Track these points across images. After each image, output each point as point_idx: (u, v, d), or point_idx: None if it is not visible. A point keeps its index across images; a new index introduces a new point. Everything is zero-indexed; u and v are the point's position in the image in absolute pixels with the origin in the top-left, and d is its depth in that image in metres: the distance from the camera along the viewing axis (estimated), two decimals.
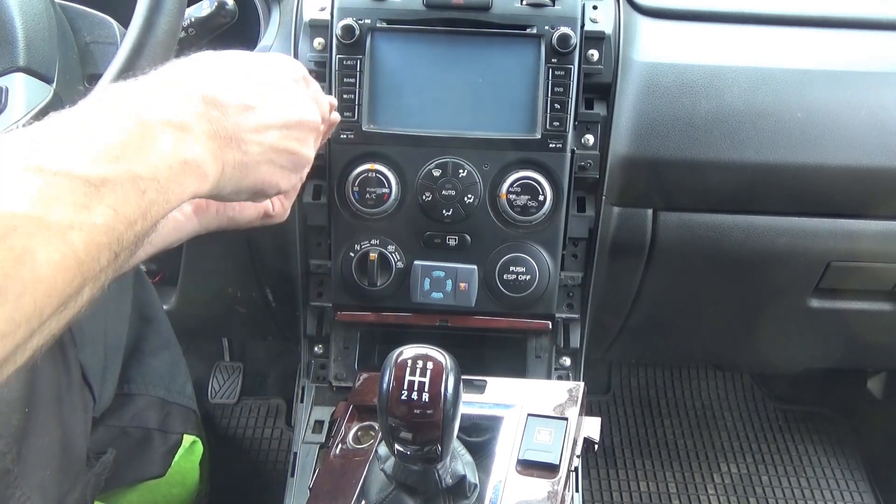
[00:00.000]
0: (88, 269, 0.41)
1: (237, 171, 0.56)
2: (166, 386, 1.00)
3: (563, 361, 1.01)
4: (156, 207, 0.46)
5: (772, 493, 1.43)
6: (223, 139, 0.53)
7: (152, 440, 0.98)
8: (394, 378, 0.59)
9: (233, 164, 0.55)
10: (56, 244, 0.39)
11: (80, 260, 0.40)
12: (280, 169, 0.61)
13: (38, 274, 0.38)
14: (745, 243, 0.95)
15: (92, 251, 0.41)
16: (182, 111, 0.50)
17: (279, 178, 0.61)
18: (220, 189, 0.55)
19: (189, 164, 0.49)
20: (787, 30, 0.94)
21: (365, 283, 0.92)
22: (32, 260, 0.38)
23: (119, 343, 0.89)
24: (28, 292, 0.38)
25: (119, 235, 0.43)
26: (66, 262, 0.40)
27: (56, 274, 0.39)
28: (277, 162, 0.60)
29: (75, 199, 0.40)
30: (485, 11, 0.87)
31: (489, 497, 0.66)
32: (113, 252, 0.43)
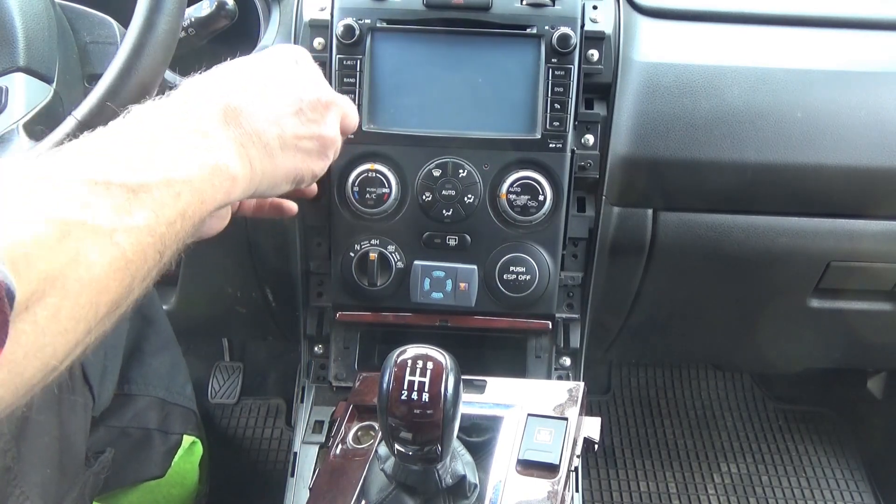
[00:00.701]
0: (137, 269, 0.45)
1: (267, 167, 0.58)
2: (166, 386, 1.01)
3: (563, 361, 1.01)
4: (192, 208, 0.49)
5: (772, 493, 1.43)
6: (245, 140, 0.56)
7: (152, 440, 0.98)
8: (394, 378, 0.59)
9: (260, 161, 0.57)
10: (105, 246, 0.42)
11: (128, 260, 0.43)
12: (307, 154, 0.63)
13: (93, 274, 0.41)
14: (745, 243, 0.95)
15: (138, 252, 0.44)
16: (205, 121, 0.53)
17: (309, 163, 0.63)
18: (255, 187, 0.58)
19: (218, 168, 0.52)
20: (787, 30, 0.94)
21: (365, 283, 0.92)
22: (87, 261, 0.41)
23: (119, 343, 0.89)
24: (85, 291, 0.41)
25: (162, 236, 0.46)
26: (117, 262, 0.43)
27: (108, 274, 0.42)
28: (303, 148, 0.62)
29: (118, 204, 0.44)
30: (485, 11, 0.87)
31: (489, 497, 0.66)
32: (158, 252, 0.47)
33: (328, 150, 0.66)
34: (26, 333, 0.37)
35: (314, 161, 0.64)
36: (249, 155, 0.56)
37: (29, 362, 0.38)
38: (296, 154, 0.61)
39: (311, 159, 0.63)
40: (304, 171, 0.63)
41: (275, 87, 0.61)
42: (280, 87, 0.61)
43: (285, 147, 0.60)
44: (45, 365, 0.40)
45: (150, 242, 0.45)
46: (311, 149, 0.63)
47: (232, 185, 0.54)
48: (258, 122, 0.57)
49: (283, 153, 0.60)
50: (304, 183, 0.65)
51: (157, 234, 0.46)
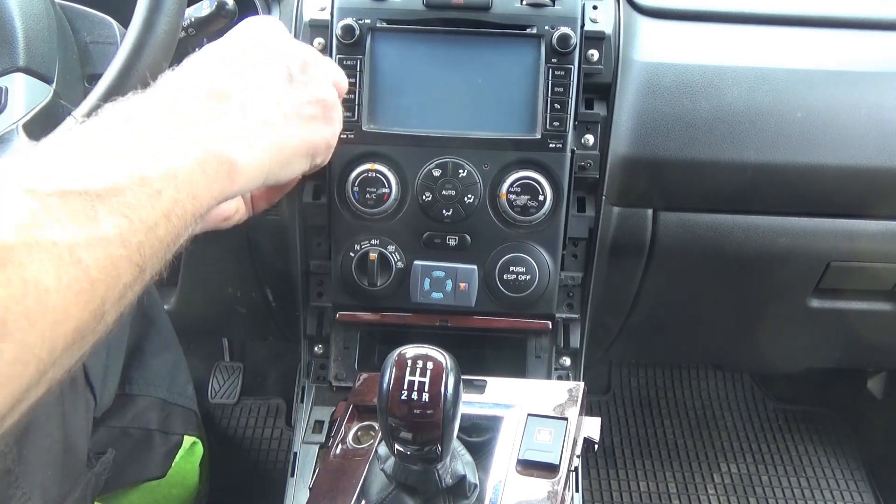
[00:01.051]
0: (107, 290, 0.38)
1: (274, 146, 0.53)
2: (167, 387, 1.00)
3: (563, 361, 1.01)
4: (181, 207, 0.43)
5: (772, 493, 1.43)
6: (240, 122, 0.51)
7: (153, 441, 0.98)
8: (394, 378, 0.59)
9: (264, 140, 0.52)
10: (63, 266, 0.35)
11: (93, 280, 0.37)
12: (313, 121, 0.59)
13: (47, 304, 0.34)
14: (745, 243, 0.95)
15: (107, 268, 0.37)
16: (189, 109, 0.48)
17: (319, 131, 0.59)
18: (266, 172, 0.53)
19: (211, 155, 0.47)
20: (787, 30, 0.94)
21: (365, 283, 0.92)
22: (37, 289, 0.34)
23: (121, 344, 0.89)
24: (36, 327, 0.34)
25: (139, 245, 0.40)
26: (78, 284, 0.36)
27: (67, 300, 0.35)
28: (306, 115, 0.58)
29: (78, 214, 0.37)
30: (485, 11, 0.87)
31: (489, 497, 0.66)
32: (135, 265, 0.40)
33: (332, 113, 0.62)
34: None
35: (322, 127, 0.60)
36: (249, 137, 0.51)
37: None
38: (301, 124, 0.57)
39: (318, 126, 0.59)
40: (317, 142, 0.59)
41: (257, 60, 0.56)
42: (262, 58, 0.56)
43: (288, 119, 0.55)
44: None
45: (124, 255, 0.38)
46: (316, 114, 0.59)
47: (231, 172, 0.48)
48: (251, 100, 0.52)
49: (288, 126, 0.55)
50: (320, 156, 0.60)
51: (131, 243, 0.39)
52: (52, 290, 0.35)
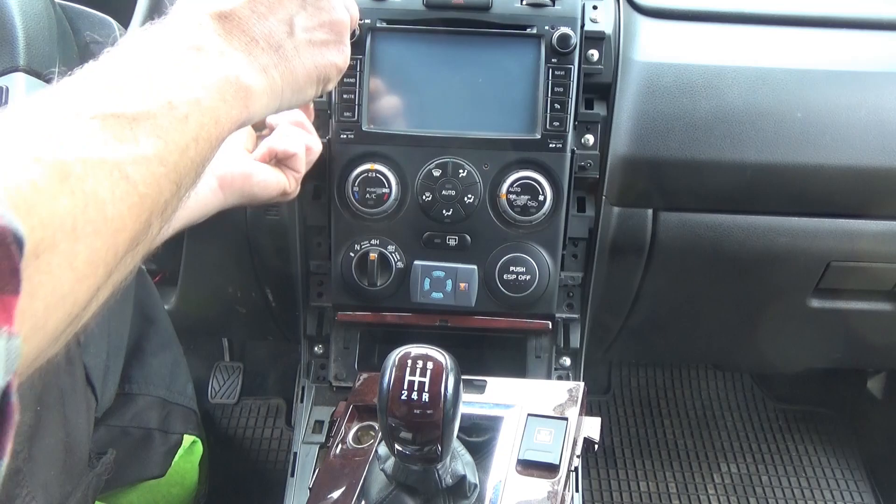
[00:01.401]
0: (153, 203, 0.42)
1: (285, 72, 0.54)
2: (167, 386, 1.00)
3: (563, 361, 1.01)
4: (206, 131, 0.46)
5: (772, 493, 1.43)
6: (252, 47, 0.52)
7: (153, 440, 0.98)
8: (394, 378, 0.59)
9: (276, 67, 0.53)
10: (115, 181, 0.39)
11: (142, 195, 0.40)
12: (324, 47, 0.58)
13: (106, 213, 0.38)
14: (745, 243, 0.95)
15: (152, 184, 0.41)
16: (200, 36, 0.49)
17: (329, 56, 0.59)
18: (279, 97, 0.53)
19: (227, 81, 0.48)
20: (787, 30, 0.94)
21: (365, 283, 0.92)
22: (96, 200, 0.38)
23: (121, 343, 0.89)
24: (100, 234, 0.38)
25: (175, 164, 0.43)
26: (130, 198, 0.40)
27: (122, 212, 0.39)
28: (317, 41, 0.58)
29: (120, 135, 0.40)
30: (485, 11, 0.87)
31: (489, 497, 0.66)
32: (173, 183, 0.43)
33: (343, 37, 0.61)
34: (42, 285, 0.35)
35: (333, 53, 0.59)
36: (261, 62, 0.52)
37: (51, 315, 0.36)
38: (312, 49, 0.57)
39: (329, 51, 0.59)
40: (328, 67, 0.59)
41: None
42: None
43: (299, 45, 0.55)
44: (69, 315, 0.38)
45: (163, 172, 0.42)
46: (327, 39, 0.58)
47: (248, 97, 0.50)
48: (261, 24, 0.53)
49: (299, 51, 0.55)
50: (332, 81, 0.60)
51: (169, 162, 0.42)
52: (109, 202, 0.38)
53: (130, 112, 0.42)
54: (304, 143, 0.78)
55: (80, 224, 0.37)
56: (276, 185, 0.76)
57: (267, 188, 0.75)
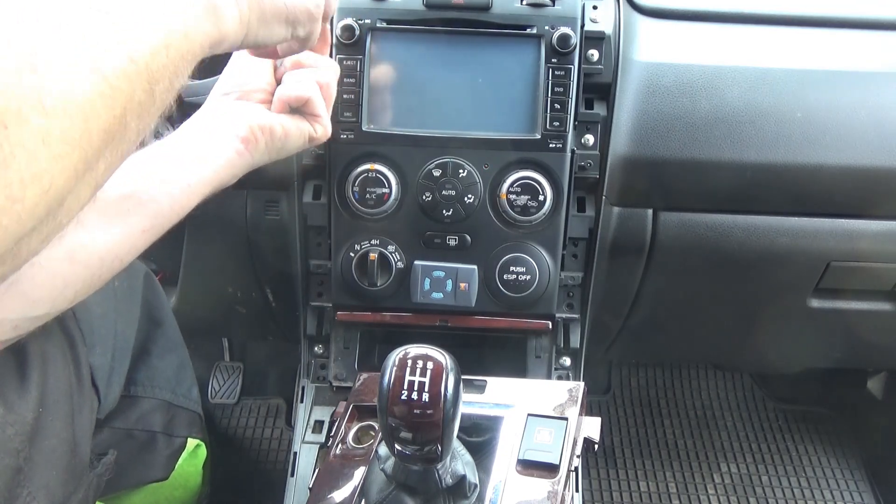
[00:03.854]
0: (126, 99, 0.42)
1: (253, 4, 0.55)
2: (172, 389, 1.00)
3: (563, 361, 1.01)
4: (176, 40, 0.46)
5: (772, 493, 1.43)
6: None
7: (156, 443, 0.98)
8: (394, 378, 0.59)
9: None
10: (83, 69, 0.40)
11: (112, 86, 0.41)
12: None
13: (75, 96, 0.39)
14: (745, 243, 0.95)
15: (121, 77, 0.42)
16: None
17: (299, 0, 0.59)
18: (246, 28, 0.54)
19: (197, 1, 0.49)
20: (787, 30, 0.94)
21: (365, 283, 0.92)
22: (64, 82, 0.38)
23: (127, 345, 0.89)
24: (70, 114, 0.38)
25: (147, 65, 0.43)
26: (99, 87, 0.40)
27: (92, 99, 0.40)
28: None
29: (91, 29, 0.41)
30: (485, 11, 0.87)
31: (489, 497, 0.66)
32: (146, 82, 0.44)
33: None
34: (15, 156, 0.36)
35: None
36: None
37: (27, 189, 0.37)
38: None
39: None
40: (297, 9, 0.59)
41: None
42: None
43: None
44: (47, 193, 0.38)
45: (133, 70, 0.42)
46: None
47: (217, 17, 0.51)
48: None
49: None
50: (301, 27, 0.61)
51: (139, 62, 0.43)
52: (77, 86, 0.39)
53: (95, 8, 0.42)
54: (315, 83, 0.76)
55: (47, 101, 0.37)
56: (299, 135, 0.75)
57: (291, 139, 0.75)
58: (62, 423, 0.71)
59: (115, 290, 0.86)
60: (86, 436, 0.77)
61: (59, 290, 0.64)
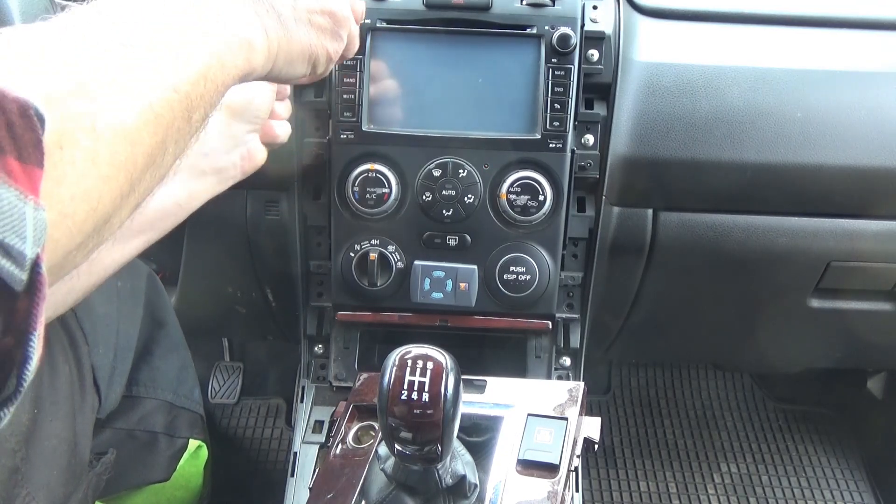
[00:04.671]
0: (168, 124, 0.44)
1: (282, 39, 0.57)
2: (174, 390, 1.00)
3: (563, 361, 1.01)
4: (213, 72, 0.49)
5: (772, 493, 1.43)
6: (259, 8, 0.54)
7: (158, 444, 0.98)
8: (394, 378, 0.59)
9: (275, 31, 0.56)
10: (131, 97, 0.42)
11: (156, 114, 0.43)
12: (320, 31, 0.62)
13: (124, 122, 0.41)
14: (745, 243, 0.95)
15: (165, 107, 0.44)
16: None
17: (323, 41, 0.62)
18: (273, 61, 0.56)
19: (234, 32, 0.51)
20: (787, 30, 0.94)
21: (365, 283, 0.92)
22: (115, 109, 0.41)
23: (130, 345, 0.89)
24: (119, 139, 0.41)
25: (187, 94, 0.46)
26: (145, 115, 0.42)
27: (139, 125, 0.42)
28: (315, 23, 0.61)
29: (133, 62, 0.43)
30: (485, 11, 0.87)
31: (489, 497, 0.66)
32: (185, 110, 0.46)
33: (341, 30, 0.65)
34: (67, 175, 0.37)
35: (328, 39, 0.63)
36: (265, 24, 0.55)
37: (77, 205, 0.38)
38: (309, 29, 0.61)
39: (324, 37, 0.63)
40: (319, 50, 0.62)
41: None
42: None
43: (298, 20, 0.59)
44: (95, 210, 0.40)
45: (175, 99, 0.45)
46: (324, 25, 0.62)
47: (250, 51, 0.53)
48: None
49: (297, 26, 0.59)
50: (320, 65, 0.64)
51: (181, 91, 0.45)
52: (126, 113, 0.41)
53: (147, 41, 0.45)
54: None
55: (98, 126, 0.39)
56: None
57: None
58: (62, 424, 0.71)
59: (119, 290, 0.86)
60: (86, 435, 0.77)
61: (63, 296, 0.66)
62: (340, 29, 0.65)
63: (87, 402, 0.77)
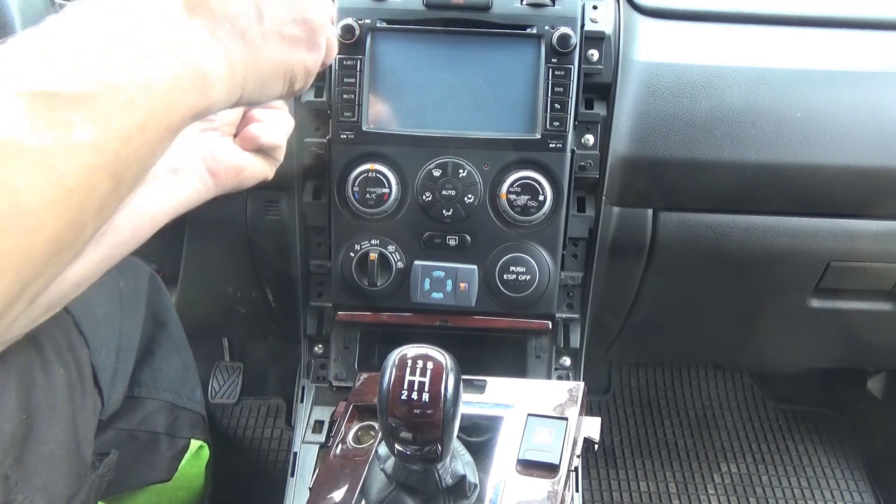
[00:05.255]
0: (84, 199, 0.37)
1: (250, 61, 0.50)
2: (176, 390, 1.00)
3: (563, 361, 1.01)
4: (155, 118, 0.41)
5: (772, 493, 1.43)
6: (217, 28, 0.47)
7: (159, 444, 0.98)
8: (394, 378, 0.59)
9: (240, 53, 0.49)
10: (36, 171, 0.34)
11: (70, 188, 0.35)
12: (294, 43, 0.55)
13: (20, 207, 0.33)
14: (745, 243, 0.95)
15: (83, 176, 0.36)
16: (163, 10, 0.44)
17: (299, 54, 0.55)
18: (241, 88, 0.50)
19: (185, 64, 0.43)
20: (787, 30, 0.94)
21: (365, 283, 0.92)
22: (11, 190, 0.32)
23: (132, 346, 0.89)
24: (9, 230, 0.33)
25: (115, 154, 0.38)
26: (53, 191, 0.34)
27: (42, 206, 0.34)
28: (288, 35, 0.54)
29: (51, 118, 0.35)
30: (485, 11, 0.87)
31: (489, 497, 0.66)
32: (111, 176, 0.38)
33: (318, 38, 0.57)
34: None
35: (304, 51, 0.56)
36: (226, 47, 0.47)
37: None
38: (281, 43, 0.53)
39: (300, 49, 0.55)
40: (295, 65, 0.55)
41: None
42: None
43: (267, 35, 0.51)
44: None
45: (100, 164, 0.37)
46: (298, 36, 0.55)
47: (205, 85, 0.45)
48: (230, 7, 0.48)
49: (267, 42, 0.51)
50: (298, 82, 0.56)
51: (107, 153, 0.37)
52: (25, 194, 0.33)
53: (66, 91, 0.36)
54: (287, 131, 0.75)
55: None
56: (261, 174, 0.74)
57: (249, 177, 0.73)
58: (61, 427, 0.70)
59: (121, 291, 0.85)
60: (87, 437, 0.76)
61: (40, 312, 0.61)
62: (317, 37, 0.57)
63: (89, 404, 0.76)
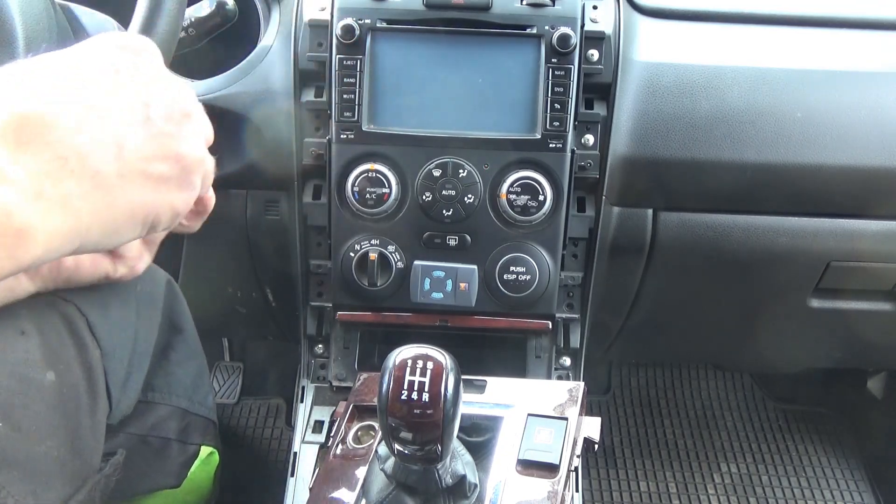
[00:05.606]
0: None
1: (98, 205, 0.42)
2: (189, 396, 0.99)
3: (563, 361, 1.01)
4: None
5: (772, 493, 1.43)
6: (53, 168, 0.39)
7: (170, 450, 0.97)
8: (394, 378, 0.59)
9: (84, 198, 0.41)
10: None
11: None
12: (162, 183, 0.46)
13: None
14: (745, 243, 0.95)
15: None
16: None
17: (167, 195, 0.46)
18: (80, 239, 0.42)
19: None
20: (787, 30, 0.94)
21: (365, 283, 0.92)
22: None
23: (147, 351, 0.88)
24: None
25: None
26: None
27: None
28: (155, 174, 0.45)
29: None
30: (485, 11, 0.87)
31: (489, 497, 0.66)
32: None
33: (192, 176, 0.48)
34: None
35: (173, 192, 0.47)
36: (61, 191, 0.39)
37: None
38: (145, 183, 0.44)
39: (168, 189, 0.46)
40: (160, 208, 0.46)
41: (108, 86, 0.43)
42: (116, 85, 0.43)
43: (127, 174, 0.43)
44: None
45: None
46: (168, 175, 0.46)
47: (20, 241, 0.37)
48: (80, 139, 0.40)
49: (125, 183, 0.43)
50: (162, 225, 0.47)
51: None
52: None
53: None
54: None
55: None
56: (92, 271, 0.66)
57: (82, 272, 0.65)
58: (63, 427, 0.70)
59: (137, 295, 0.85)
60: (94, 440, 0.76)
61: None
62: (190, 175, 0.48)
63: (99, 407, 0.76)
